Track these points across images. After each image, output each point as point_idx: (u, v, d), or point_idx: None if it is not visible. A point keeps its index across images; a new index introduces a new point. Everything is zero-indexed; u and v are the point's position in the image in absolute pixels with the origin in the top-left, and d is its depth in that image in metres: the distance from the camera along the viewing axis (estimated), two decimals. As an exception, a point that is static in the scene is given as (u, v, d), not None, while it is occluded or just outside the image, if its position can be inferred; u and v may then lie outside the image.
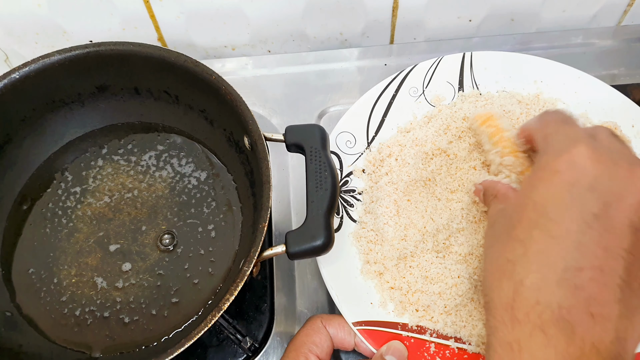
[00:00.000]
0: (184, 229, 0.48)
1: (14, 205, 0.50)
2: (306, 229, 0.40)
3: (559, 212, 0.32)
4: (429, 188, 0.50)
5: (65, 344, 0.44)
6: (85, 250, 0.48)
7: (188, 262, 0.47)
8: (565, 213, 0.32)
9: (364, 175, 0.52)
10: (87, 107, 0.52)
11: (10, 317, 0.45)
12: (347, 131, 0.54)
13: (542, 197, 0.33)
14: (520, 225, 0.34)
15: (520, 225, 0.34)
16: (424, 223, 0.48)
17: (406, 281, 0.46)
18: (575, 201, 0.32)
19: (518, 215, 0.34)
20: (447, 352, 0.43)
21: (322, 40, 0.66)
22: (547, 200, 0.33)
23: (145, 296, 0.45)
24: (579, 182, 0.32)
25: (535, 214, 0.33)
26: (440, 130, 0.53)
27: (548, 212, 0.32)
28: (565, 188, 0.32)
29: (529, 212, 0.33)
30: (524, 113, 0.54)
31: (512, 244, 0.34)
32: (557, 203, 0.32)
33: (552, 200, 0.33)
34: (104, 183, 0.51)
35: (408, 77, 0.56)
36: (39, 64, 0.47)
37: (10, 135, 0.49)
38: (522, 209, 0.34)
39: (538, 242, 0.32)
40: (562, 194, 0.32)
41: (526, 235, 0.33)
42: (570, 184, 0.32)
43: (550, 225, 0.32)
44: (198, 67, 0.46)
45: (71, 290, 0.46)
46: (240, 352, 0.47)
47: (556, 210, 0.32)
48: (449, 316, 0.45)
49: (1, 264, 0.47)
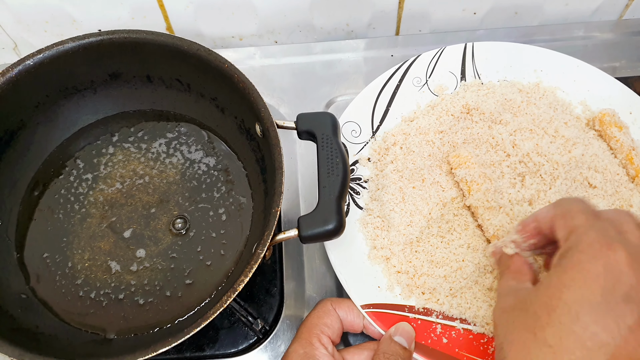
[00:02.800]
0: (196, 214, 0.49)
1: (27, 191, 0.50)
2: (318, 213, 0.41)
3: (595, 321, 0.30)
4: (433, 175, 0.51)
5: (80, 326, 0.45)
6: (99, 235, 0.49)
7: (200, 245, 0.48)
8: (600, 322, 0.30)
9: (369, 163, 0.54)
10: (100, 94, 0.52)
11: (26, 299, 0.46)
12: (353, 121, 0.55)
13: (576, 302, 0.31)
14: (549, 328, 0.32)
15: (550, 329, 0.32)
16: (429, 209, 0.49)
17: (412, 265, 0.47)
18: (611, 311, 0.31)
19: (546, 315, 0.32)
20: (452, 333, 0.45)
21: (329, 31, 0.67)
22: (582, 306, 0.31)
23: (159, 278, 0.46)
24: (615, 290, 0.31)
25: (568, 319, 0.31)
26: (443, 119, 0.54)
27: (582, 320, 0.31)
28: (602, 295, 0.31)
29: (561, 316, 0.31)
30: (525, 101, 0.55)
31: (541, 348, 0.32)
32: (592, 311, 0.31)
33: (587, 307, 0.31)
34: (115, 170, 0.52)
35: (411, 68, 0.58)
36: (53, 51, 0.48)
37: (24, 121, 0.49)
38: (551, 309, 0.32)
39: (571, 352, 0.30)
40: (598, 301, 0.31)
41: (557, 341, 0.31)
42: (608, 291, 0.31)
43: (585, 335, 0.30)
44: (211, 55, 0.47)
45: (85, 274, 0.47)
46: (251, 335, 0.48)
47: (592, 319, 0.31)
48: (454, 298, 0.46)
49: (16, 247, 0.48)
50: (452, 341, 0.44)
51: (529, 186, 0.50)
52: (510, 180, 0.50)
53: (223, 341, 0.47)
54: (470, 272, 0.46)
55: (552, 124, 0.53)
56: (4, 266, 0.46)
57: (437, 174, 0.51)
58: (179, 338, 0.36)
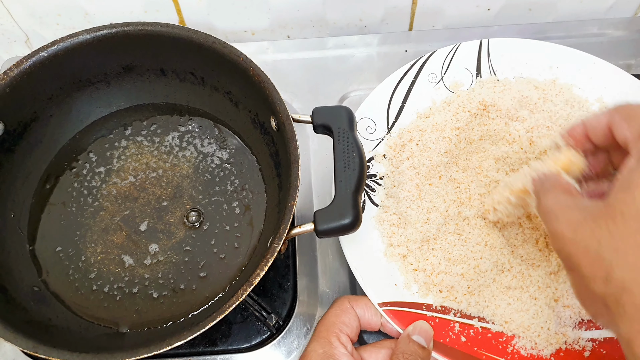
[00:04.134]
0: (209, 207, 0.49)
1: (40, 183, 0.50)
2: (335, 207, 0.41)
3: None
4: (450, 172, 0.51)
5: (93, 319, 0.45)
6: (112, 228, 0.48)
7: (214, 238, 0.47)
8: None
9: (384, 160, 0.53)
10: (113, 87, 0.52)
11: (39, 291, 0.45)
12: (368, 117, 0.54)
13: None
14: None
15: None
16: (446, 207, 0.49)
17: (429, 263, 0.47)
18: None
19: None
20: (471, 331, 0.44)
21: (342, 26, 0.66)
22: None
23: (173, 272, 0.46)
24: None
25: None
26: (460, 115, 0.53)
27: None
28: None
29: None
30: (541, 98, 0.54)
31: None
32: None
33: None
34: (128, 163, 0.51)
35: (427, 64, 0.57)
36: (67, 43, 0.47)
37: (37, 113, 0.49)
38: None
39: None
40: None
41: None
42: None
43: None
44: (226, 48, 0.47)
45: (98, 268, 0.47)
46: (264, 330, 0.47)
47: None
48: (472, 296, 0.46)
49: (28, 240, 0.48)
50: (471, 340, 0.44)
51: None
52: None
53: (236, 336, 0.47)
54: (488, 270, 0.46)
55: (569, 120, 0.53)
56: (16, 259, 0.46)
57: (454, 171, 0.51)
58: (195, 331, 0.36)
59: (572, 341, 0.44)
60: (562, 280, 0.46)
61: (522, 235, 0.48)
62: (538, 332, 0.44)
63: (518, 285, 0.46)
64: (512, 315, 0.45)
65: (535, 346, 0.44)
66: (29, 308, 0.43)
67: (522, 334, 0.44)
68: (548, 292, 0.45)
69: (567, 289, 0.45)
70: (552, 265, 0.46)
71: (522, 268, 0.46)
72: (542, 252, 0.47)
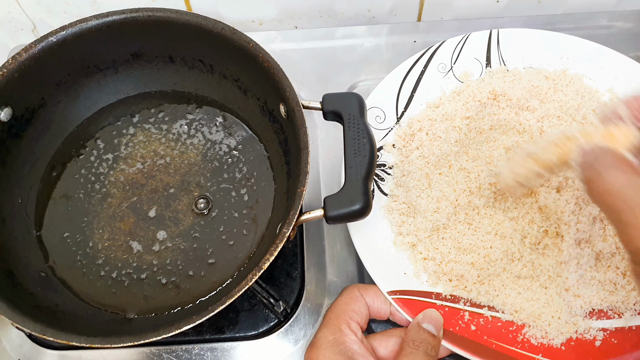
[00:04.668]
0: (218, 194, 0.49)
1: (47, 170, 0.50)
2: (345, 193, 0.41)
3: None
4: (460, 161, 0.50)
5: (100, 306, 0.44)
6: (119, 215, 0.48)
7: (223, 225, 0.47)
8: None
9: (394, 149, 0.53)
10: (121, 74, 0.52)
11: (45, 277, 0.45)
12: (377, 106, 0.54)
13: None
14: None
15: None
16: (456, 196, 0.48)
17: (439, 252, 0.46)
18: None
19: None
20: (480, 320, 0.44)
21: (350, 17, 0.66)
22: None
23: (182, 258, 0.46)
24: None
25: None
26: (470, 105, 0.53)
27: None
28: None
29: None
30: (552, 88, 0.54)
31: None
32: None
33: None
34: (136, 150, 0.51)
35: (436, 54, 0.57)
36: (76, 28, 0.47)
37: (45, 99, 0.49)
38: None
39: None
40: None
41: None
42: None
43: None
44: (235, 34, 0.47)
45: (106, 254, 0.46)
46: (271, 317, 0.47)
47: None
48: (482, 285, 0.45)
49: (35, 225, 0.47)
50: (481, 328, 0.43)
51: (556, 173, 0.49)
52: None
53: (243, 324, 0.47)
54: (498, 259, 0.45)
55: (580, 110, 0.52)
56: (23, 244, 0.46)
57: (464, 161, 0.50)
58: (204, 315, 0.36)
59: (582, 330, 0.43)
60: (572, 269, 0.45)
61: (532, 225, 0.47)
62: (548, 321, 0.43)
63: (528, 274, 0.45)
64: (523, 304, 0.44)
65: (546, 335, 0.43)
66: (36, 293, 0.42)
67: (533, 323, 0.44)
68: (558, 282, 0.45)
69: (578, 278, 0.45)
70: (563, 254, 0.46)
71: (532, 257, 0.46)
72: (553, 241, 0.46)
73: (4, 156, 0.46)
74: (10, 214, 0.46)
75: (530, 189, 0.48)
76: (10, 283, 0.41)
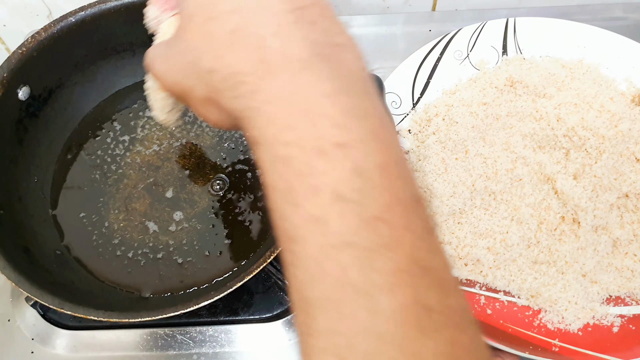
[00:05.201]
0: (234, 176, 0.49)
1: (64, 150, 0.50)
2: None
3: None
4: (476, 147, 0.50)
5: (115, 285, 0.44)
6: (135, 196, 0.48)
7: (238, 207, 0.47)
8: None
9: (409, 135, 0.53)
10: (138, 57, 0.52)
11: (61, 255, 0.45)
12: (393, 92, 0.54)
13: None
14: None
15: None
16: (472, 181, 0.48)
17: (455, 236, 0.46)
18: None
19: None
20: (496, 305, 0.44)
21: (364, 6, 0.66)
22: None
23: (198, 239, 0.46)
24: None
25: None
26: (487, 91, 0.53)
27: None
28: None
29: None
30: (568, 76, 0.54)
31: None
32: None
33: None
34: (152, 132, 0.51)
35: (453, 41, 0.56)
36: (95, 9, 0.47)
37: (62, 80, 0.49)
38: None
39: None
40: None
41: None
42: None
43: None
44: (253, 16, 0.46)
45: (122, 234, 0.46)
46: (286, 300, 0.47)
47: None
48: (498, 270, 0.45)
49: (51, 205, 0.47)
50: (497, 312, 0.43)
51: (573, 160, 0.49)
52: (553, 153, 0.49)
53: (258, 306, 0.47)
54: (514, 244, 0.45)
55: (597, 98, 0.52)
56: (39, 222, 0.46)
57: (481, 146, 0.50)
58: (222, 291, 0.36)
59: (600, 316, 0.43)
60: (589, 256, 0.45)
61: (549, 211, 0.47)
62: (565, 307, 0.43)
63: (545, 259, 0.45)
64: (539, 289, 0.44)
65: (563, 320, 0.43)
66: (52, 270, 0.43)
67: (549, 308, 0.43)
68: (576, 267, 0.44)
69: (595, 264, 0.45)
70: (580, 240, 0.45)
71: (549, 243, 0.46)
72: (570, 228, 0.46)
73: (22, 134, 0.46)
74: (27, 192, 0.46)
75: (546, 176, 0.47)
76: (27, 259, 0.41)
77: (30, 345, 0.46)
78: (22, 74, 0.45)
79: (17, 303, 0.47)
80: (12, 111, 0.45)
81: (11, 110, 0.45)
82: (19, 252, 0.41)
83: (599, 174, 0.48)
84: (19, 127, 0.46)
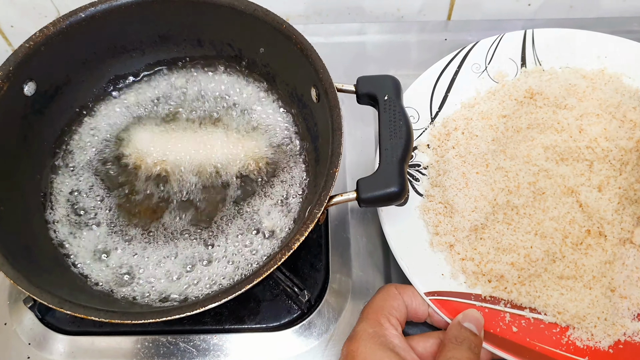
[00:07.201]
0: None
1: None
2: (379, 175, 0.38)
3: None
4: (497, 160, 0.48)
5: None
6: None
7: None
8: None
9: (428, 150, 0.51)
10: (147, 56, 0.50)
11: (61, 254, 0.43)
12: (411, 107, 0.52)
13: None
14: None
15: None
16: (494, 195, 0.46)
17: (478, 252, 0.44)
18: None
19: None
20: (522, 322, 0.41)
21: (378, 15, 0.65)
22: None
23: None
24: None
25: None
26: (506, 103, 0.51)
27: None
28: None
29: None
30: (590, 86, 0.52)
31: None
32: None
33: None
34: (159, 135, 0.49)
35: (470, 54, 0.55)
36: (106, 5, 0.46)
37: (69, 77, 0.47)
38: None
39: None
40: None
41: None
42: None
43: None
44: (268, 15, 0.45)
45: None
46: (294, 309, 0.44)
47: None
48: (523, 286, 0.43)
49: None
50: (523, 330, 0.41)
51: (597, 172, 0.47)
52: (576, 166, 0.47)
53: (264, 314, 0.44)
54: (539, 259, 0.43)
55: (620, 108, 0.50)
56: (40, 222, 0.44)
57: (502, 159, 0.48)
58: (231, 293, 0.34)
59: (631, 333, 0.41)
60: (617, 270, 0.43)
61: (574, 224, 0.45)
62: (594, 323, 0.40)
63: (571, 274, 0.43)
64: (566, 305, 0.41)
65: (592, 337, 0.40)
66: (52, 269, 0.41)
67: (577, 325, 0.41)
68: (604, 282, 0.42)
69: (624, 279, 0.42)
70: (607, 254, 0.43)
71: (574, 257, 0.43)
72: (596, 241, 0.44)
73: (26, 131, 0.45)
74: (29, 190, 0.44)
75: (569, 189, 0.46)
76: (27, 257, 0.39)
77: (27, 350, 0.43)
78: (28, 68, 0.43)
79: (14, 305, 0.45)
80: (18, 106, 0.44)
81: (16, 105, 0.43)
82: (20, 250, 0.39)
83: (624, 186, 0.46)
84: (24, 123, 0.44)
